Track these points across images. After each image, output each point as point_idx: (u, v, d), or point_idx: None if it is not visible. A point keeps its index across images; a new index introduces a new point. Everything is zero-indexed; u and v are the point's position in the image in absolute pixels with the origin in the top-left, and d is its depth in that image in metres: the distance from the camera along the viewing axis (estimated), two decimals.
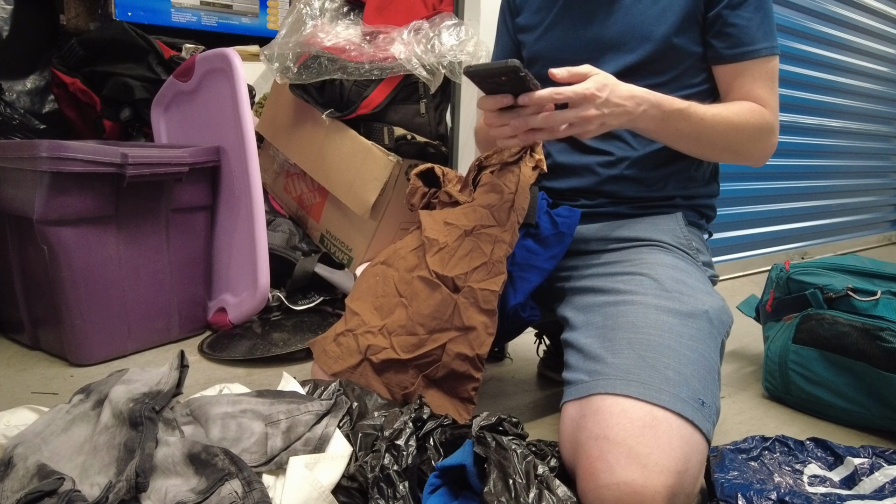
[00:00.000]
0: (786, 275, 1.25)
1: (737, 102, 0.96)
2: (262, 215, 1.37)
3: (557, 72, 0.81)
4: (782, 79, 1.00)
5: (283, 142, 1.69)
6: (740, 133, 0.94)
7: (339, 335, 0.95)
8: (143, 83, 1.71)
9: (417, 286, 0.91)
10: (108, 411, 0.76)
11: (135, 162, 1.20)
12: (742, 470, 0.85)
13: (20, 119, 1.81)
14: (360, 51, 1.45)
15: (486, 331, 0.84)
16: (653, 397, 0.71)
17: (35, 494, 0.63)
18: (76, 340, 1.21)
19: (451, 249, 0.91)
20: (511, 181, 0.94)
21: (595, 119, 0.82)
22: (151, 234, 1.31)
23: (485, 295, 0.85)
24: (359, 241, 1.58)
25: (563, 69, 0.81)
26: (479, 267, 0.87)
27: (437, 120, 1.56)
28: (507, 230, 0.89)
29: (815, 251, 2.85)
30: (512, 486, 0.63)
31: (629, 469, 0.66)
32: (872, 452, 0.92)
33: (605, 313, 0.85)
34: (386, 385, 0.89)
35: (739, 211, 2.44)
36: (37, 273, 1.22)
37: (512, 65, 0.74)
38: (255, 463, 0.70)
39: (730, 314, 0.88)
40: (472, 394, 0.86)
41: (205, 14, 1.99)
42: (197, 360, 1.29)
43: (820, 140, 2.80)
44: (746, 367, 1.43)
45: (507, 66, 0.74)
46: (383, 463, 0.68)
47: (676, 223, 0.99)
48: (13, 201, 1.20)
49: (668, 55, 0.96)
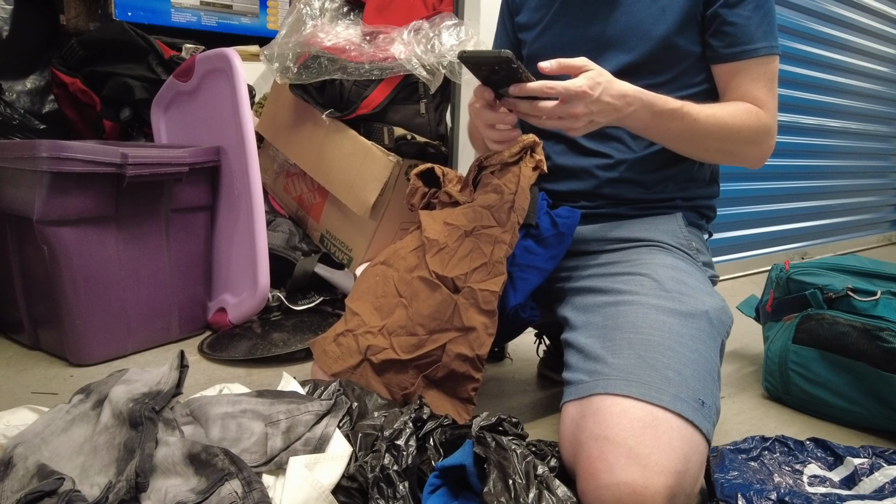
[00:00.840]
0: (786, 275, 1.25)
1: (733, 103, 0.95)
2: (262, 215, 1.37)
3: (546, 64, 0.80)
4: (782, 79, 0.99)
5: (283, 142, 1.69)
6: (735, 135, 0.93)
7: (339, 335, 0.95)
8: (143, 83, 1.71)
9: (417, 286, 0.91)
10: (108, 411, 0.76)
11: (135, 162, 1.20)
12: (742, 470, 0.85)
13: (20, 119, 1.81)
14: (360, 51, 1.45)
15: (486, 331, 0.84)
16: (653, 397, 0.71)
17: (35, 494, 0.63)
18: (76, 340, 1.21)
19: (451, 250, 0.91)
20: (511, 182, 0.94)
21: (583, 116, 0.81)
22: (151, 235, 1.30)
23: (485, 295, 0.85)
24: (359, 241, 1.58)
25: (553, 61, 0.80)
26: (479, 267, 0.87)
27: (437, 120, 1.56)
28: (507, 231, 0.89)
29: (815, 251, 2.85)
30: (512, 486, 0.63)
31: (629, 469, 0.66)
32: (872, 452, 0.92)
33: (605, 313, 0.85)
34: (386, 385, 0.89)
35: (739, 211, 2.44)
36: (37, 273, 1.22)
37: (505, 55, 0.74)
38: (255, 463, 0.70)
39: (730, 314, 0.88)
40: (472, 394, 0.86)
41: (205, 14, 1.99)
42: (197, 360, 1.29)
43: (820, 140, 2.80)
44: (746, 367, 1.43)
45: (500, 55, 0.74)
46: (383, 463, 0.68)
47: (676, 224, 0.99)
48: (13, 201, 1.20)
49: (668, 55, 0.96)
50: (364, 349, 0.91)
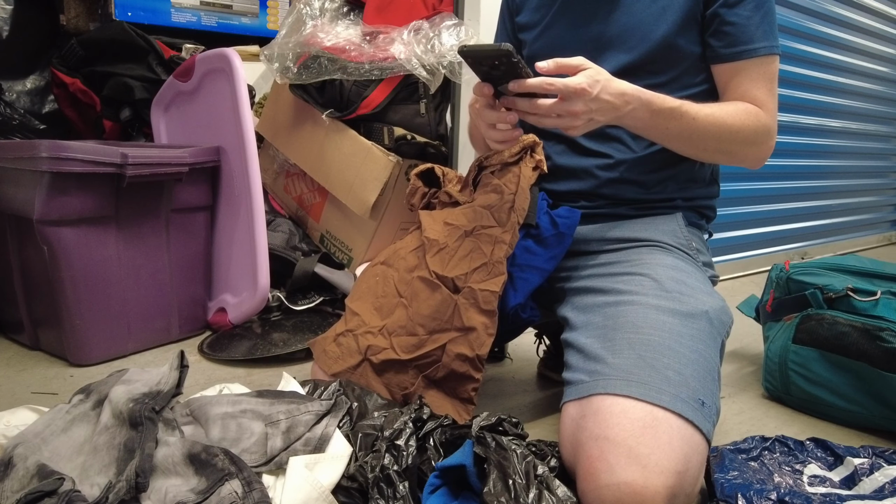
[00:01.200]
0: (786, 275, 1.25)
1: (733, 103, 0.94)
2: (262, 215, 1.37)
3: (543, 64, 0.80)
4: (782, 79, 0.99)
5: (283, 142, 1.69)
6: (734, 135, 0.92)
7: (339, 335, 0.95)
8: (143, 83, 1.71)
9: (417, 286, 0.91)
10: (108, 411, 0.76)
11: (135, 162, 1.20)
12: (742, 470, 0.85)
13: (20, 119, 1.81)
14: (360, 51, 1.45)
15: (486, 331, 0.84)
16: (653, 398, 0.71)
17: (35, 494, 0.63)
18: (76, 340, 1.21)
19: (451, 250, 0.91)
20: (511, 182, 0.94)
21: (582, 114, 0.81)
22: (151, 234, 1.30)
23: (485, 296, 0.85)
24: (359, 241, 1.58)
25: (550, 61, 0.80)
26: (479, 267, 0.87)
27: (437, 120, 1.56)
28: (507, 231, 0.89)
29: (815, 251, 2.85)
30: (511, 486, 0.63)
31: (629, 469, 0.66)
32: (872, 452, 0.92)
33: (605, 313, 0.85)
34: (386, 385, 0.89)
35: (739, 211, 2.44)
36: (37, 273, 1.22)
37: (505, 48, 0.74)
38: (255, 463, 0.70)
39: (730, 314, 0.88)
40: (472, 394, 0.86)
41: (205, 14, 1.99)
42: (197, 360, 1.29)
43: (820, 140, 2.80)
44: (746, 367, 1.43)
45: (500, 49, 0.74)
46: (383, 463, 0.68)
47: (676, 224, 0.99)
48: (13, 201, 1.20)
49: (668, 55, 0.96)
50: (364, 349, 0.91)
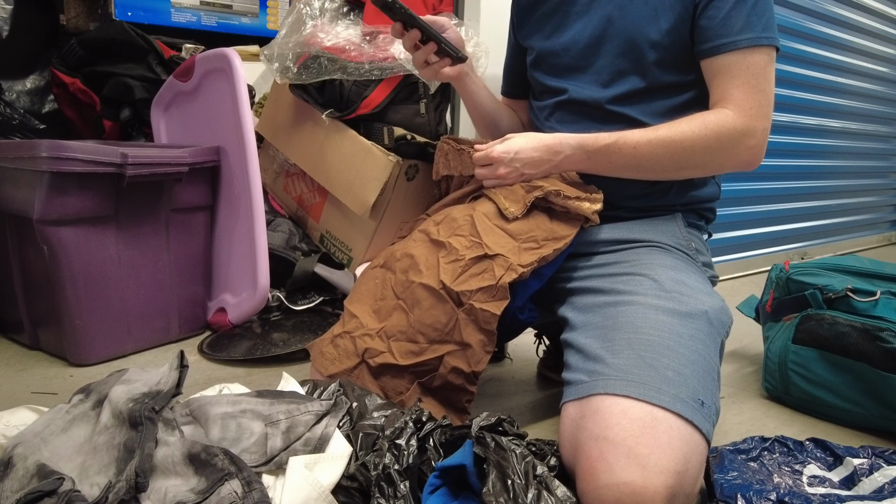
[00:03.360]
0: (785, 275, 1.25)
1: (690, 116, 0.92)
2: (262, 215, 1.37)
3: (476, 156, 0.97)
4: (782, 79, 0.98)
5: (283, 142, 1.69)
6: (690, 149, 0.91)
7: (336, 337, 0.95)
8: (143, 83, 1.71)
9: (420, 294, 0.90)
10: (107, 411, 0.76)
11: (134, 162, 1.20)
12: (741, 470, 0.85)
13: (20, 119, 1.81)
14: (360, 51, 1.45)
15: (483, 349, 0.85)
16: (652, 398, 0.71)
17: (35, 494, 0.63)
18: (76, 340, 1.21)
19: (465, 265, 0.89)
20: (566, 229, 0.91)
21: (510, 175, 0.93)
22: (151, 234, 1.30)
23: (486, 316, 0.85)
24: (359, 241, 1.58)
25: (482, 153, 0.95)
26: (485, 288, 0.86)
27: (437, 120, 1.56)
28: (525, 267, 0.87)
29: (815, 251, 2.85)
30: (511, 486, 0.63)
31: (629, 469, 0.66)
32: (872, 453, 0.92)
33: (604, 314, 0.85)
34: (382, 388, 0.89)
35: (739, 211, 2.44)
36: (37, 273, 1.22)
37: None
38: (254, 463, 0.70)
39: (729, 314, 0.88)
40: (465, 405, 0.87)
41: (205, 14, 1.99)
42: (197, 360, 1.29)
43: (820, 140, 2.80)
44: (746, 367, 1.43)
45: None
46: (385, 462, 0.68)
47: (676, 224, 0.99)
48: (13, 201, 1.19)
49: (663, 56, 0.96)
50: (362, 351, 0.91)
